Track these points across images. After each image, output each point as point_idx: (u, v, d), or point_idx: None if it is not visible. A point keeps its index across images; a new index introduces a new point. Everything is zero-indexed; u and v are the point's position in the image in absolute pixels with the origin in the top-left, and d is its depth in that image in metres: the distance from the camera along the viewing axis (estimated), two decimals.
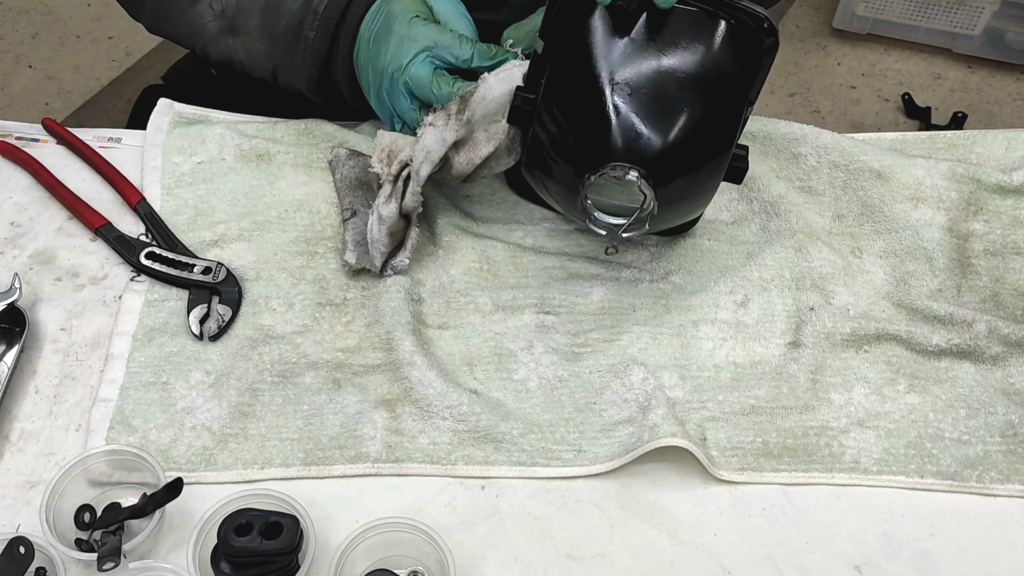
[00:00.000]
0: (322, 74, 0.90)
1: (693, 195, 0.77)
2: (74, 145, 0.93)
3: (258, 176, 0.91)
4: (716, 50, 0.73)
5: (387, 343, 0.81)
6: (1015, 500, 0.77)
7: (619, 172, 0.70)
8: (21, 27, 2.31)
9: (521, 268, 0.88)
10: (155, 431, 0.75)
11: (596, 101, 0.71)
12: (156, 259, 0.84)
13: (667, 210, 0.74)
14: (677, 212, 0.78)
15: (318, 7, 0.87)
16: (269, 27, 0.89)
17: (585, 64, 0.72)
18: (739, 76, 0.74)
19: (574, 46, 0.73)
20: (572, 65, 0.73)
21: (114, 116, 1.97)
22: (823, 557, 0.73)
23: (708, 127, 0.73)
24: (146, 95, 1.14)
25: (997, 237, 0.92)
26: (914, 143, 1.00)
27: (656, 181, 0.71)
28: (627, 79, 0.71)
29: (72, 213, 0.88)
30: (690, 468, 0.77)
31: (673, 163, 0.72)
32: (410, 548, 0.70)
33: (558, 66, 0.74)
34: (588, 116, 0.72)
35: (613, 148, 0.71)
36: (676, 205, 0.76)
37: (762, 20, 0.73)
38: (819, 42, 2.47)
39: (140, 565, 0.67)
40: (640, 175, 0.70)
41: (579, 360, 0.82)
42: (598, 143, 0.71)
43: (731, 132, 0.74)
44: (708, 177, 0.76)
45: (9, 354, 0.78)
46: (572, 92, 0.73)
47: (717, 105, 0.73)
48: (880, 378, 0.83)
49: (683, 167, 0.73)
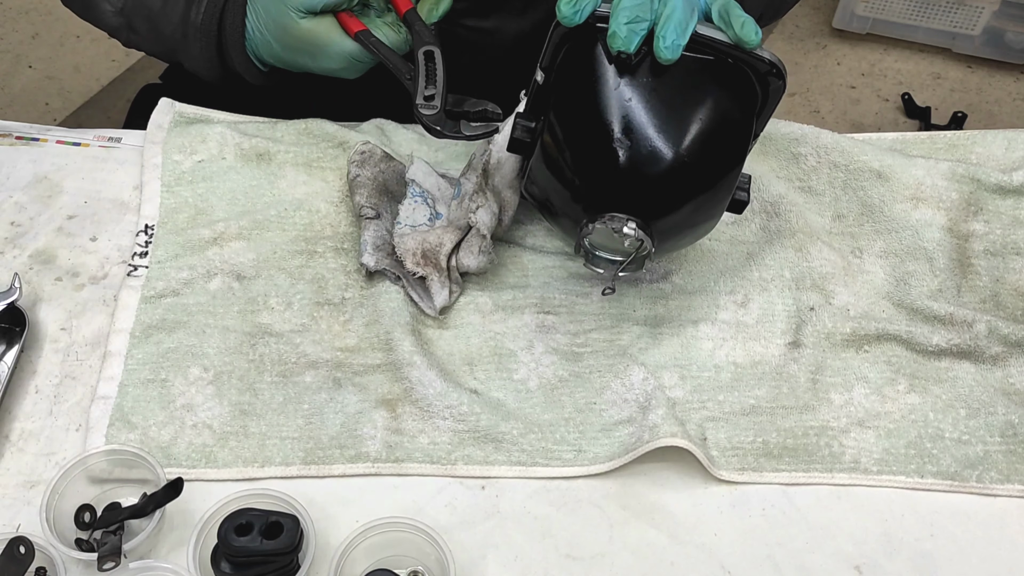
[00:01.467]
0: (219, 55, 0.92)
1: (692, 234, 0.77)
2: None
3: (258, 175, 0.91)
4: (720, 97, 0.72)
5: (387, 343, 0.81)
6: (1015, 500, 0.77)
7: (616, 224, 0.70)
8: (21, 27, 2.31)
9: (521, 267, 0.88)
10: (155, 428, 0.76)
11: (596, 148, 0.70)
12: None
13: (665, 248, 0.75)
14: (675, 248, 0.79)
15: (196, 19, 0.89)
16: (156, 31, 0.92)
17: (586, 108, 0.71)
18: (743, 121, 0.73)
19: (574, 86, 0.72)
20: (572, 107, 0.72)
21: (114, 116, 1.97)
22: (823, 557, 0.73)
23: (709, 174, 0.72)
24: (144, 95, 1.14)
25: (997, 237, 0.92)
26: (914, 143, 1.00)
27: (655, 227, 0.71)
28: (629, 129, 0.69)
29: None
30: (690, 468, 0.77)
31: (673, 210, 0.72)
32: (410, 548, 0.70)
33: (558, 105, 0.73)
34: (587, 163, 0.71)
35: (612, 197, 0.70)
36: (674, 244, 0.76)
37: (770, 65, 0.72)
38: (819, 42, 2.47)
39: (140, 565, 0.67)
40: (637, 226, 0.70)
41: (579, 360, 0.82)
42: (597, 191, 0.71)
43: (732, 176, 0.73)
44: (708, 219, 0.75)
45: (9, 354, 0.78)
46: (572, 136, 0.72)
47: (719, 152, 0.72)
48: (880, 378, 0.83)
49: (683, 213, 0.72)
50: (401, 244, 0.84)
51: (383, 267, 0.84)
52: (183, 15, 0.90)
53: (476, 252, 0.83)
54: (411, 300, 0.83)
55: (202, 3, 0.89)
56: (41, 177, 0.92)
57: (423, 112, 0.79)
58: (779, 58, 0.72)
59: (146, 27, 0.93)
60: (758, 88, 0.74)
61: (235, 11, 0.88)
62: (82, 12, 0.98)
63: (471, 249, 0.83)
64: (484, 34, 0.87)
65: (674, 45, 0.68)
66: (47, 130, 0.96)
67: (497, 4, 0.97)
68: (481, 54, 0.89)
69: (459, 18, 0.87)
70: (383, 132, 0.97)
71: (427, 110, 0.79)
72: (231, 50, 0.90)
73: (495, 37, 0.92)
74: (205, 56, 0.91)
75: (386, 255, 0.84)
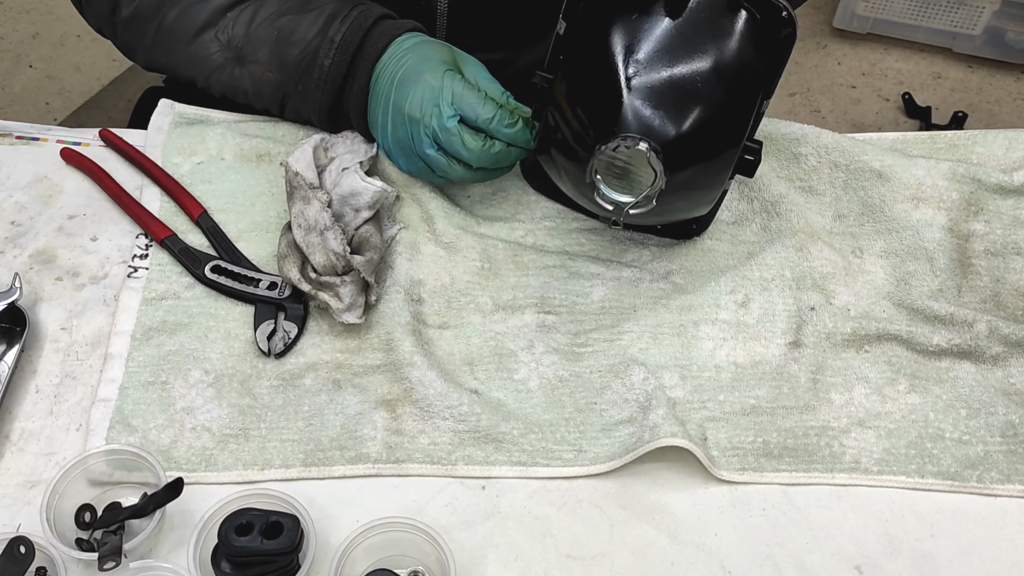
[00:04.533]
0: (334, 103, 0.89)
1: (701, 185, 0.77)
2: (133, 157, 0.92)
3: (257, 176, 0.91)
4: (734, 39, 0.73)
5: (387, 344, 0.81)
6: (1015, 500, 0.77)
7: (630, 143, 0.71)
8: (21, 27, 2.31)
9: (522, 267, 0.88)
10: (155, 431, 0.76)
11: (612, 77, 0.72)
12: (222, 272, 0.83)
13: (675, 197, 0.75)
14: (684, 201, 0.78)
15: (335, 36, 0.86)
16: (280, 56, 0.89)
17: (603, 43, 0.73)
18: (756, 67, 0.75)
19: (594, 27, 0.74)
20: (590, 44, 0.74)
21: (114, 116, 1.96)
22: (823, 557, 0.73)
23: (722, 116, 0.73)
24: (146, 96, 1.14)
25: (997, 237, 0.92)
26: (914, 143, 1.00)
27: (666, 164, 0.71)
28: (644, 60, 0.72)
29: (137, 223, 0.87)
30: (690, 468, 0.77)
31: (684, 148, 0.72)
32: (410, 548, 0.70)
33: (577, 45, 0.75)
34: (603, 91, 0.73)
35: (625, 121, 0.71)
36: (684, 194, 0.76)
37: (780, 10, 0.73)
38: (819, 42, 2.47)
39: (141, 565, 0.67)
40: (651, 147, 0.71)
41: (580, 360, 0.82)
42: (611, 115, 0.72)
43: (744, 123, 0.75)
44: (718, 168, 0.76)
45: (9, 354, 0.78)
46: (589, 69, 0.74)
47: (732, 95, 0.73)
48: (881, 378, 0.83)
49: (694, 153, 0.73)
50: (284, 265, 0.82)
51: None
52: (321, 31, 0.87)
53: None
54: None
55: (345, 22, 0.87)
56: (41, 177, 0.92)
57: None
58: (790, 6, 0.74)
59: (268, 52, 0.89)
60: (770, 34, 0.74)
61: (375, 42, 0.86)
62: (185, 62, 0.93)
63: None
64: (494, 66, 0.88)
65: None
66: (47, 130, 0.96)
67: (504, 40, 0.98)
68: None
69: (469, 52, 0.88)
70: None
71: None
72: (358, 74, 0.87)
73: (506, 69, 0.93)
74: (331, 75, 0.87)
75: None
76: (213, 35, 0.90)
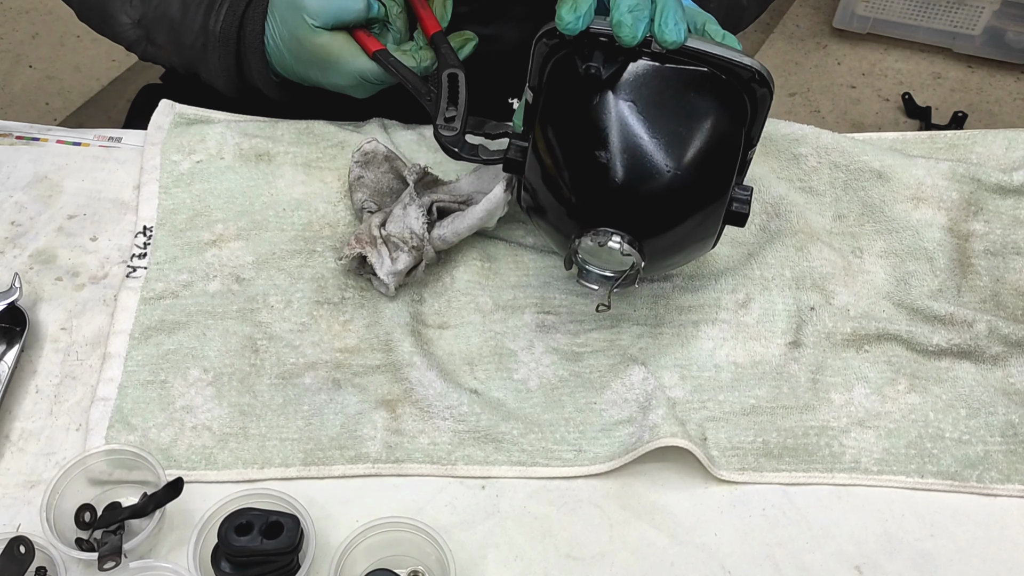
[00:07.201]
0: (239, 88, 0.93)
1: (686, 247, 0.75)
2: None
3: (256, 175, 0.91)
4: (708, 108, 0.70)
5: (387, 343, 0.81)
6: (1015, 500, 0.77)
7: (603, 238, 0.70)
8: (21, 27, 2.31)
9: (522, 267, 0.88)
10: (155, 430, 0.76)
11: (580, 165, 0.70)
12: None
13: (660, 262, 0.74)
14: (671, 262, 0.78)
15: (214, 27, 0.90)
16: (177, 43, 0.92)
17: (573, 123, 0.71)
18: (728, 129, 0.72)
19: (562, 102, 0.72)
20: (561, 123, 0.72)
21: (114, 116, 1.97)
22: (823, 557, 0.73)
23: (697, 183, 0.71)
24: (144, 95, 1.14)
25: (997, 237, 0.92)
26: (914, 143, 1.00)
27: (646, 240, 0.70)
28: (616, 140, 0.69)
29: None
30: (690, 468, 0.77)
31: (661, 222, 0.71)
32: (410, 548, 0.70)
33: (548, 122, 0.72)
34: (576, 180, 0.71)
35: (602, 213, 0.70)
36: (668, 259, 0.75)
37: (753, 72, 0.71)
38: (819, 42, 2.47)
39: (140, 564, 0.67)
40: (623, 240, 0.69)
41: (579, 360, 0.82)
42: (583, 208, 0.71)
43: (722, 185, 0.72)
44: (701, 232, 0.74)
45: (9, 354, 0.78)
46: (557, 155, 0.72)
47: (705, 160, 0.70)
48: (880, 378, 0.83)
49: (674, 229, 0.72)
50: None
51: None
52: (203, 24, 0.90)
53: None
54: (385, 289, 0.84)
55: (221, 11, 0.90)
56: (41, 177, 0.92)
57: (443, 133, 0.81)
58: (764, 65, 0.71)
59: (166, 38, 0.93)
60: (745, 98, 0.72)
61: (254, 20, 0.89)
62: (98, 27, 0.99)
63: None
64: (485, 41, 0.87)
65: (676, 28, 0.68)
66: (47, 130, 0.96)
67: (498, 11, 0.97)
68: (481, 61, 0.89)
69: (460, 24, 0.87)
70: (385, 130, 0.97)
71: (447, 131, 0.81)
72: (249, 57, 0.90)
73: (496, 44, 0.92)
74: (223, 66, 0.91)
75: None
76: (124, 12, 0.94)
